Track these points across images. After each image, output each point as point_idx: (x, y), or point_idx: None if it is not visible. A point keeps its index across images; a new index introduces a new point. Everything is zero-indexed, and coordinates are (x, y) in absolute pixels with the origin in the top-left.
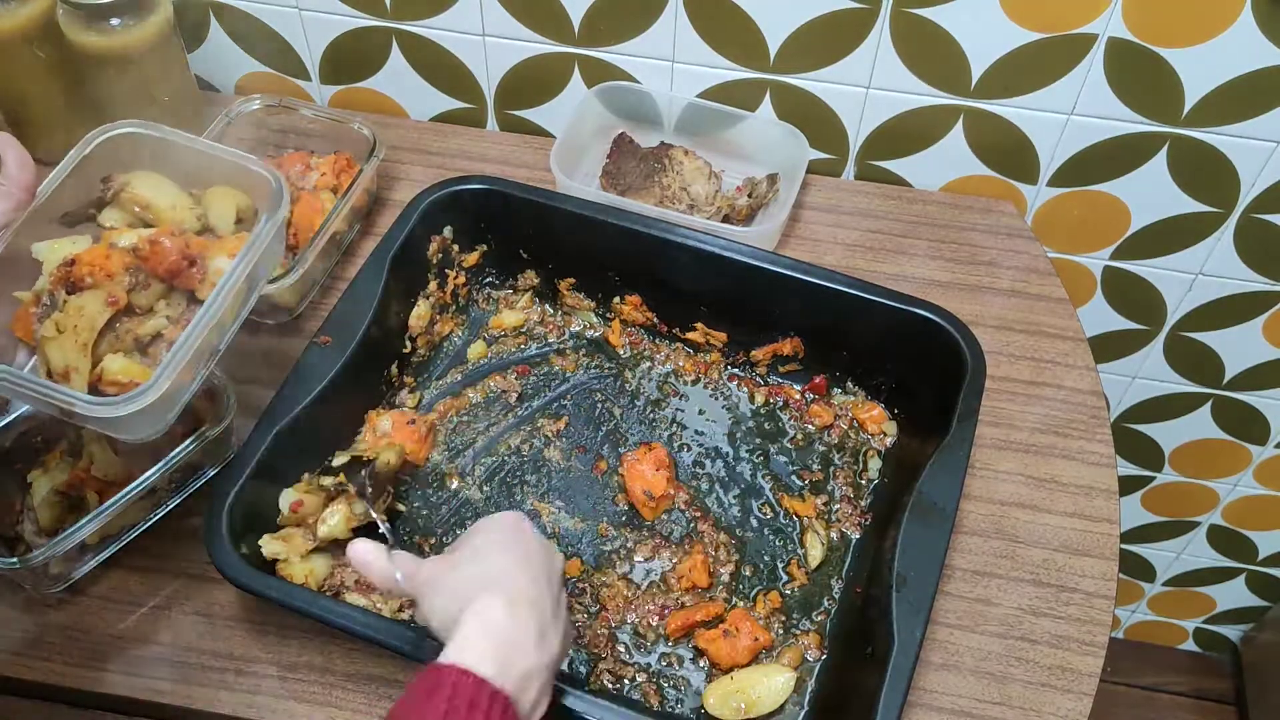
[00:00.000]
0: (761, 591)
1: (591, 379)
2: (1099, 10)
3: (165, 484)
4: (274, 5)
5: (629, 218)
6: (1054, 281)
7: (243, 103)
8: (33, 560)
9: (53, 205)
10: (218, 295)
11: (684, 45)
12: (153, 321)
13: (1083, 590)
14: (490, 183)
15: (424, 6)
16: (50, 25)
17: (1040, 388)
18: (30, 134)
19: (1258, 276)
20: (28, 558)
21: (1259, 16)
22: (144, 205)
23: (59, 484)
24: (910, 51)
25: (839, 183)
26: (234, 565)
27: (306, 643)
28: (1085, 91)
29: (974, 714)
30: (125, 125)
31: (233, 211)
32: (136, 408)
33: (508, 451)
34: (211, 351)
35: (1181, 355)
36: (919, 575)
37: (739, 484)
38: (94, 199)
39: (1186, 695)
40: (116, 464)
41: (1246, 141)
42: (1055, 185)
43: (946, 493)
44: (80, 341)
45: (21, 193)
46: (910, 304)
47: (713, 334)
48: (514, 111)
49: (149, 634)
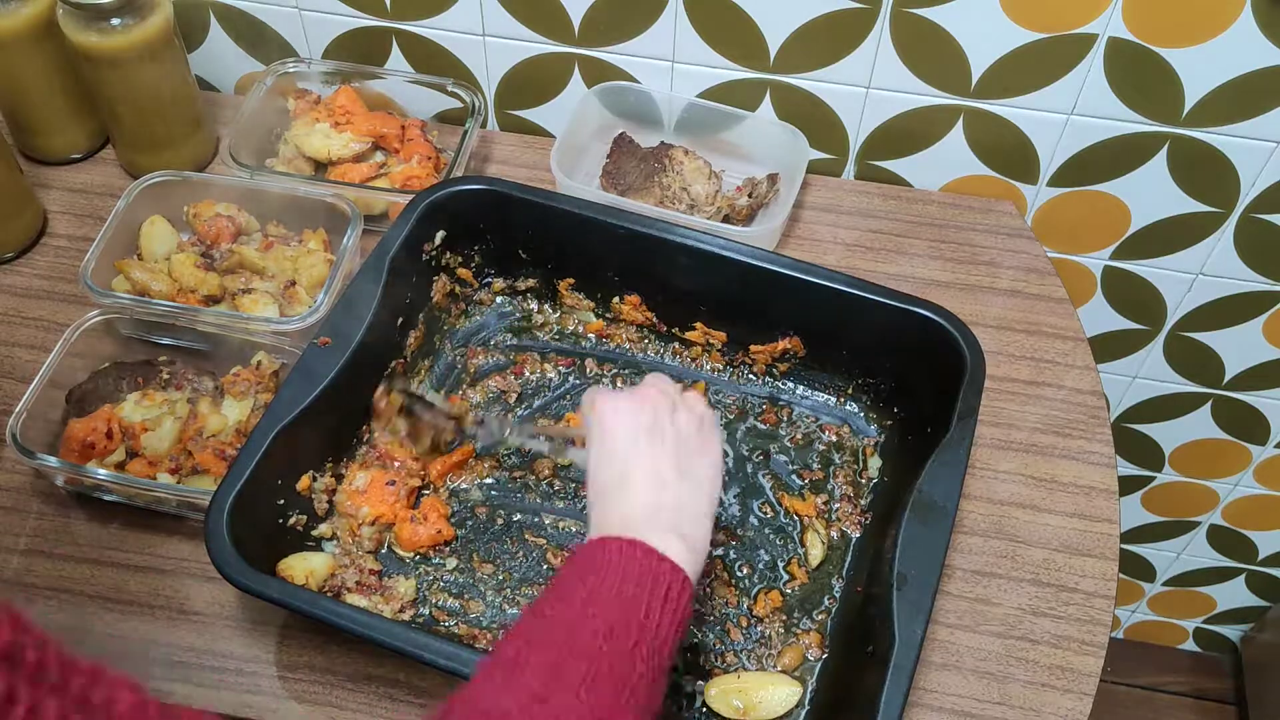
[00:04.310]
0: (762, 591)
1: (591, 379)
2: (1099, 10)
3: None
4: (274, 5)
5: (629, 218)
6: (1054, 281)
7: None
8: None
9: None
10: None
11: (684, 45)
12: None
13: (1083, 590)
14: (490, 183)
15: (424, 6)
16: (50, 25)
17: (1040, 388)
18: (30, 134)
19: (1258, 276)
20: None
21: (1259, 16)
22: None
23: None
24: (910, 51)
25: (839, 183)
26: (234, 565)
27: (306, 643)
28: (1085, 91)
29: (974, 714)
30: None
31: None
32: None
33: (507, 451)
34: None
35: (1181, 355)
36: (919, 574)
37: (739, 483)
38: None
39: (1186, 695)
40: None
41: (1246, 141)
42: (1055, 185)
43: (947, 491)
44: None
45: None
46: (910, 303)
47: (712, 334)
48: (514, 111)
49: (149, 634)
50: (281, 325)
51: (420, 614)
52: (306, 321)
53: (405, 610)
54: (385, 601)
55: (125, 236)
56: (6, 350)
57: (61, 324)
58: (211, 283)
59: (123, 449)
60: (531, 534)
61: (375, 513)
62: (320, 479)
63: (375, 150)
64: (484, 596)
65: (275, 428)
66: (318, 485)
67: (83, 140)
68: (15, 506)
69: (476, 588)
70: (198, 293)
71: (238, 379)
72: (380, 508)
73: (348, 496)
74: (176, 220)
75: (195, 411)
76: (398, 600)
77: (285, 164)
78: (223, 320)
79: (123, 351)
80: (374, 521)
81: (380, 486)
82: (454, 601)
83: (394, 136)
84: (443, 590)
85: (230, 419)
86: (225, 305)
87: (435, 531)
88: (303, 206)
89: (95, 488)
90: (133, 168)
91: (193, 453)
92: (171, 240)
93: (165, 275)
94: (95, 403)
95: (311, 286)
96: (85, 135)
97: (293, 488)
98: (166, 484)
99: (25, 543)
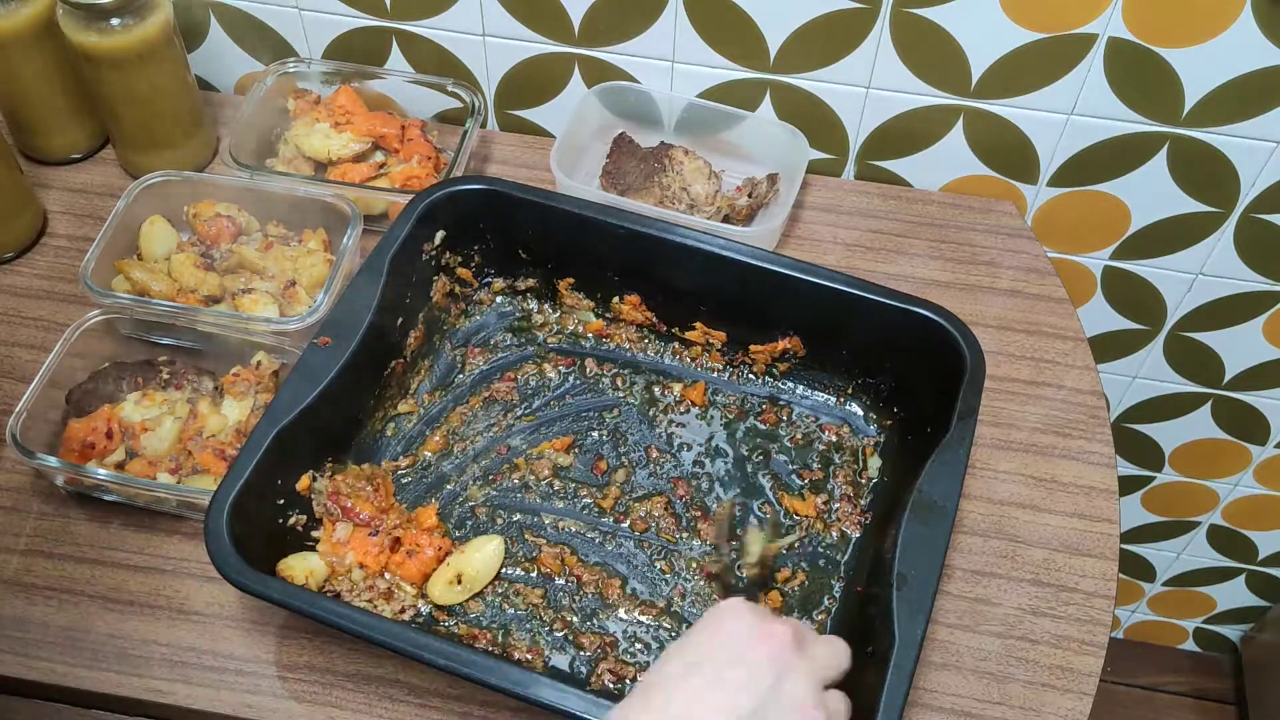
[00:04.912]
0: (762, 591)
1: (591, 379)
2: (1099, 10)
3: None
4: (274, 5)
5: (629, 218)
6: (1054, 281)
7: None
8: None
9: None
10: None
11: (684, 45)
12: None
13: (1083, 590)
14: (489, 183)
15: (424, 6)
16: (50, 25)
17: (1040, 388)
18: (30, 134)
19: (1258, 276)
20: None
21: (1259, 16)
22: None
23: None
24: (910, 51)
25: (839, 183)
26: (234, 565)
27: (306, 643)
28: (1085, 91)
29: (974, 714)
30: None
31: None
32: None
33: (508, 452)
34: None
35: (1181, 355)
36: (919, 574)
37: (739, 483)
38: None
39: (1186, 695)
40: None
41: (1246, 141)
42: (1055, 185)
43: (947, 491)
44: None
45: None
46: (910, 303)
47: (712, 333)
48: (514, 111)
49: (149, 634)
50: (281, 325)
51: (420, 614)
52: (306, 321)
53: (405, 610)
54: (385, 601)
55: (125, 236)
56: (6, 350)
57: (61, 324)
58: (211, 283)
59: (123, 449)
60: (531, 534)
61: (360, 560)
62: (320, 479)
63: (375, 150)
64: (484, 596)
65: (275, 428)
66: (318, 485)
67: (83, 140)
68: (15, 506)
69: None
70: (198, 293)
71: (237, 379)
72: (366, 558)
73: (330, 549)
74: (176, 220)
75: (195, 411)
76: (398, 600)
77: (285, 164)
78: (223, 320)
79: (123, 351)
80: (361, 567)
81: (363, 537)
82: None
83: (394, 136)
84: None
85: (230, 419)
86: (225, 305)
87: (436, 550)
88: (303, 206)
89: (95, 488)
90: (133, 168)
91: (193, 453)
92: (171, 240)
93: (165, 275)
94: (95, 403)
95: (311, 286)
96: (85, 135)
97: (293, 488)
98: (166, 484)
99: (25, 543)
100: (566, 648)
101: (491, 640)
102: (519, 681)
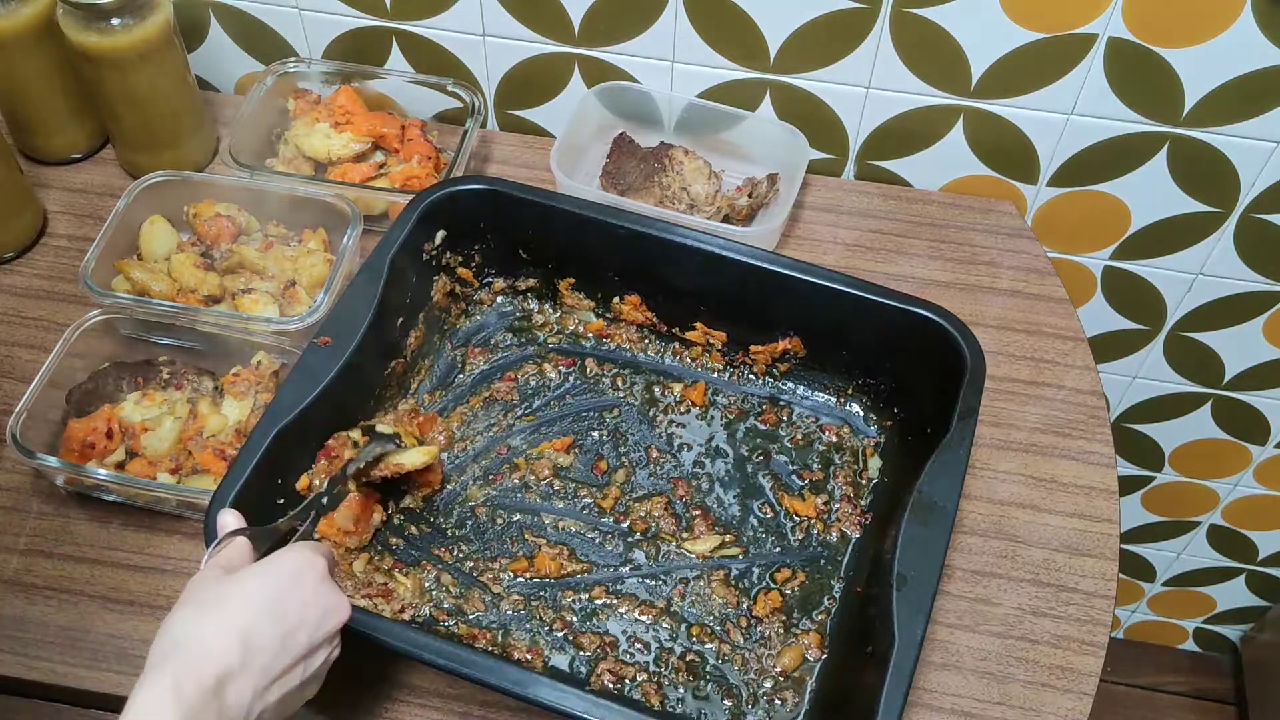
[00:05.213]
0: (761, 591)
1: (591, 379)
2: (1099, 10)
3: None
4: (274, 5)
5: (629, 218)
6: (1054, 281)
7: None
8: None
9: None
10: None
11: (684, 45)
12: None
13: (1083, 590)
14: (489, 183)
15: (424, 6)
16: (50, 25)
17: (1040, 388)
18: (30, 134)
19: (1258, 276)
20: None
21: (1259, 16)
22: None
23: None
24: (910, 51)
25: (839, 183)
26: None
27: None
28: (1085, 91)
29: (974, 714)
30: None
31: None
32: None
33: (508, 452)
34: None
35: (1181, 355)
36: (919, 574)
37: (739, 483)
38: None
39: (1186, 695)
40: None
41: (1246, 141)
42: (1055, 185)
43: (946, 492)
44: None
45: None
46: (910, 303)
47: (712, 333)
48: (514, 111)
49: (149, 634)
50: (281, 325)
51: (420, 614)
52: (306, 321)
53: (405, 610)
54: (385, 601)
55: (125, 236)
56: (6, 350)
57: (61, 324)
58: (211, 283)
59: (123, 449)
60: (531, 534)
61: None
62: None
63: (375, 150)
64: (483, 596)
65: (275, 428)
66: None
67: (83, 140)
68: (15, 506)
69: (476, 587)
70: (198, 293)
71: (237, 379)
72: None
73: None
74: (176, 220)
75: (195, 411)
76: (398, 600)
77: (285, 164)
78: (223, 320)
79: (123, 351)
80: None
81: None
82: (453, 601)
83: (394, 136)
84: (442, 590)
85: (230, 419)
86: (225, 305)
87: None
88: (303, 206)
89: (95, 488)
90: (133, 168)
91: (193, 453)
92: (171, 240)
93: (165, 275)
94: (95, 403)
95: (311, 286)
96: (85, 135)
97: (292, 488)
98: (166, 484)
99: (25, 543)
100: (566, 648)
101: (491, 640)
102: (519, 681)
